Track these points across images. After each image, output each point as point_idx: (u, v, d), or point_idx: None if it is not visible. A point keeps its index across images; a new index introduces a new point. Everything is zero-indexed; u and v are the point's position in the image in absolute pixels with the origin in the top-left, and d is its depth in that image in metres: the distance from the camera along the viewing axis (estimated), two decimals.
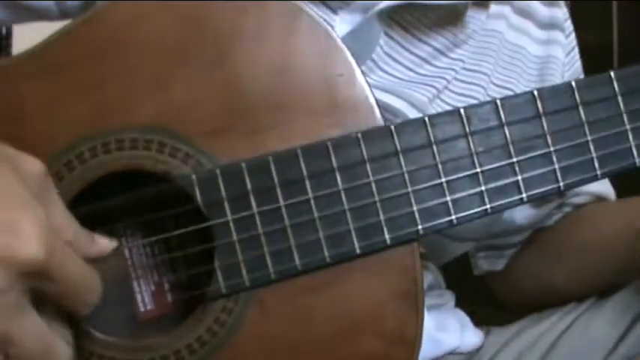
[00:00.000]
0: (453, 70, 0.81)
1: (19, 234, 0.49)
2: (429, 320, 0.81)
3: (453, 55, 0.81)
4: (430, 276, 0.86)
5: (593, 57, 0.67)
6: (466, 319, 0.87)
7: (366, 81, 0.62)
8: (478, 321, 0.89)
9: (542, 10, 0.88)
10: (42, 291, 0.51)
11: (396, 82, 0.78)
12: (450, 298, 0.88)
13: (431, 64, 0.80)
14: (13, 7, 0.75)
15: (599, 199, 0.93)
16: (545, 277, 0.90)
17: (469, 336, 0.85)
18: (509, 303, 0.97)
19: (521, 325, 0.86)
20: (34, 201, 0.51)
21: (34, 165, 0.53)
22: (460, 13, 0.81)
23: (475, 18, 0.83)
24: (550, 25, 0.88)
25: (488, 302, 0.98)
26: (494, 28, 0.84)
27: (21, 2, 0.75)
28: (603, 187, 0.93)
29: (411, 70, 0.79)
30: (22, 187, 0.51)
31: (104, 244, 0.58)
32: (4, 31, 1.34)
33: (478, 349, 0.86)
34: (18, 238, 0.49)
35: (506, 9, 0.86)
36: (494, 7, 0.84)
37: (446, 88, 0.80)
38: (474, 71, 0.82)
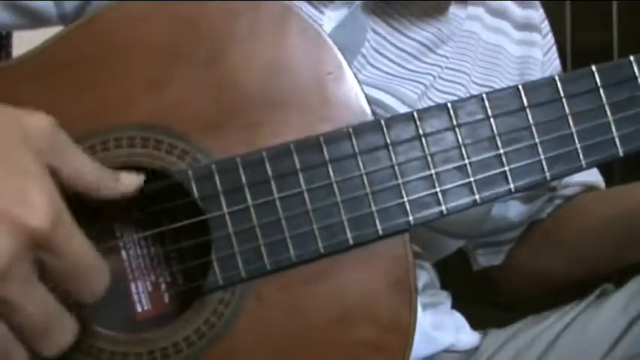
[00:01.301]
0: (438, 66, 0.83)
1: (27, 203, 0.48)
2: (425, 319, 0.82)
3: (439, 52, 0.83)
4: (426, 275, 0.87)
5: (593, 57, 0.68)
6: (462, 321, 0.88)
7: (356, 77, 0.64)
8: (475, 321, 0.90)
9: (517, 11, 0.90)
10: (46, 268, 0.51)
11: (387, 77, 0.80)
12: (445, 298, 0.89)
13: (419, 60, 0.82)
14: (14, 10, 0.77)
15: (589, 188, 0.94)
16: (544, 268, 0.92)
17: (465, 336, 0.86)
18: (512, 292, 0.98)
19: (519, 326, 0.87)
20: (43, 170, 0.50)
21: (39, 122, 0.52)
22: (443, 8, 0.83)
23: (456, 15, 0.85)
24: (527, 26, 0.91)
25: (486, 303, 0.99)
26: (469, 29, 0.86)
27: (21, 3, 0.76)
28: (592, 177, 0.95)
29: (399, 65, 0.81)
30: (31, 153, 0.50)
31: (130, 180, 0.57)
32: (4, 31, 1.35)
33: (476, 349, 0.87)
34: (25, 207, 0.48)
35: (480, 10, 0.88)
36: (469, 9, 0.87)
37: (432, 85, 0.82)
38: (456, 70, 0.84)
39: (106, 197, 0.56)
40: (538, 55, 0.91)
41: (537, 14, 0.92)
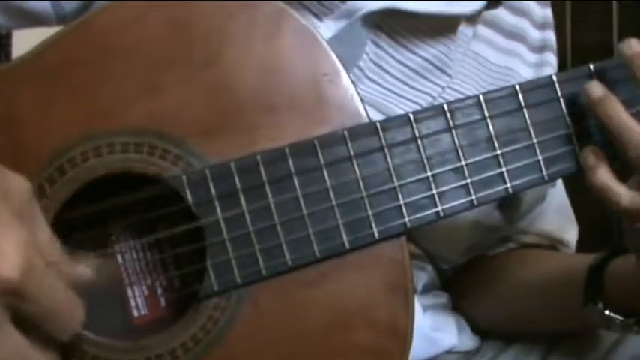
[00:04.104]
0: (440, 86, 0.81)
1: None
2: (425, 320, 0.81)
3: (447, 71, 0.81)
4: (427, 277, 0.87)
5: (593, 57, 0.68)
6: (463, 322, 0.87)
7: (351, 79, 0.64)
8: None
9: (534, 34, 0.88)
10: (20, 312, 0.51)
11: (385, 93, 0.78)
12: (446, 299, 0.88)
13: (424, 78, 0.80)
14: (11, 12, 0.76)
15: (553, 243, 0.90)
16: (472, 308, 0.88)
17: (466, 338, 0.86)
18: None
19: None
20: (16, 221, 0.51)
21: (19, 184, 0.53)
22: (453, 26, 0.81)
23: (463, 34, 0.83)
24: (543, 48, 0.89)
25: None
26: (475, 50, 0.85)
27: (17, 3, 0.76)
28: (564, 232, 0.90)
29: (401, 81, 0.79)
30: (5, 206, 0.51)
31: (85, 272, 0.57)
32: (3, 31, 1.35)
33: (477, 350, 0.86)
34: None
35: (491, 32, 0.86)
36: (479, 29, 0.85)
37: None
38: (459, 92, 0.82)
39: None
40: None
41: (552, 34, 0.90)
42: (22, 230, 0.51)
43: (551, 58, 0.90)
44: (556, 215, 0.90)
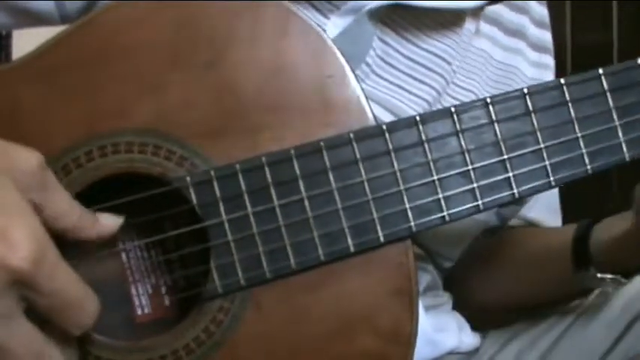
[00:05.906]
0: (444, 80, 0.81)
1: (8, 241, 0.48)
2: (427, 321, 0.81)
3: (453, 65, 0.81)
4: (428, 277, 0.87)
5: (593, 57, 0.67)
6: (463, 321, 0.87)
7: (358, 81, 0.63)
8: (475, 322, 0.89)
9: (533, 30, 0.88)
10: (33, 305, 0.51)
11: (391, 89, 0.78)
12: (447, 299, 0.88)
13: (430, 69, 0.80)
14: (14, 12, 0.76)
15: (529, 224, 0.92)
16: (474, 292, 0.90)
17: (467, 337, 0.86)
18: None
19: (520, 326, 0.86)
20: (26, 203, 0.50)
21: (29, 158, 0.53)
22: (457, 20, 0.81)
23: (467, 29, 0.83)
24: (542, 48, 0.89)
25: None
26: (480, 46, 0.85)
27: (21, 3, 0.75)
28: (545, 215, 0.92)
29: (409, 75, 0.79)
30: (15, 190, 0.51)
31: (109, 221, 0.58)
32: (3, 31, 1.35)
33: (477, 350, 0.86)
34: (6, 245, 0.48)
35: (493, 29, 0.86)
36: (482, 26, 0.85)
37: (438, 102, 0.80)
38: (463, 88, 0.82)
39: (83, 238, 0.56)
40: (550, 78, 0.89)
41: (549, 35, 0.91)
42: (33, 217, 0.50)
43: (549, 60, 0.90)
44: (542, 207, 0.91)
